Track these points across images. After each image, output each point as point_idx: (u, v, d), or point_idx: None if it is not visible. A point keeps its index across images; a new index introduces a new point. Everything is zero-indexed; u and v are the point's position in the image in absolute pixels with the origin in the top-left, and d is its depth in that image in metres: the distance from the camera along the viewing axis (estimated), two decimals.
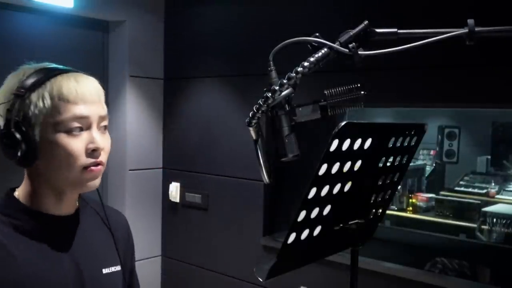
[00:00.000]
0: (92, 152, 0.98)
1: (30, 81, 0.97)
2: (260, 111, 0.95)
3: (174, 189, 3.16)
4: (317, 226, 1.04)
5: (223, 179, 2.91)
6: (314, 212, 1.00)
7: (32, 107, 0.95)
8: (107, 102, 3.00)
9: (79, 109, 0.97)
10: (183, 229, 3.14)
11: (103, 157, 1.01)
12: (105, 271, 1.08)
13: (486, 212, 3.56)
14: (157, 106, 3.20)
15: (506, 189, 4.23)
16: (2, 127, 0.97)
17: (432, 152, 4.86)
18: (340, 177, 1.00)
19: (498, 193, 4.18)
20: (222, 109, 2.91)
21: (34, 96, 0.96)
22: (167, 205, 3.22)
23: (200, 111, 3.04)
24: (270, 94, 0.93)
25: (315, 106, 0.95)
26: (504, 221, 3.42)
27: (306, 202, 0.96)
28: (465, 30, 0.91)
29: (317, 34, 0.97)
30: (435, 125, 4.68)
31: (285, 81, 0.93)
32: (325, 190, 0.98)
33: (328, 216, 1.05)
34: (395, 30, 0.97)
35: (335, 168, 0.96)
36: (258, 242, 2.73)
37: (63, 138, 0.96)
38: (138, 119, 3.08)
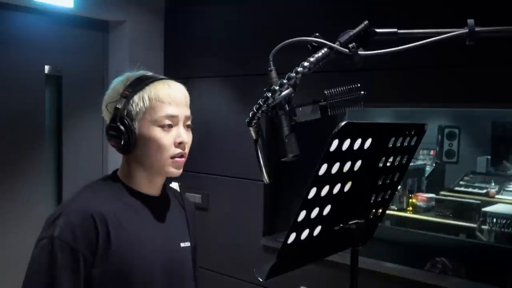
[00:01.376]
0: (179, 144, 1.22)
1: (134, 85, 1.21)
2: (260, 111, 0.95)
3: None
4: (317, 226, 1.04)
5: (223, 179, 2.91)
6: (314, 212, 1.00)
7: (134, 106, 1.19)
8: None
9: (171, 109, 1.21)
10: None
11: (186, 150, 1.25)
12: (182, 244, 1.32)
13: (486, 212, 3.56)
14: None
15: (506, 189, 4.23)
16: (109, 121, 1.21)
17: (432, 152, 4.86)
18: (340, 177, 1.00)
19: (498, 193, 4.17)
20: (222, 109, 2.91)
21: (136, 97, 1.20)
22: None
23: (200, 111, 3.04)
24: (270, 94, 0.93)
25: (315, 106, 0.95)
26: (504, 221, 3.42)
27: (306, 202, 0.96)
28: (465, 30, 0.91)
29: (317, 34, 0.97)
30: (435, 125, 4.67)
31: (285, 81, 0.93)
32: (325, 190, 0.98)
33: (328, 216, 1.05)
34: (395, 30, 0.97)
35: (335, 168, 0.96)
36: (258, 242, 2.73)
37: (157, 132, 1.20)
38: None
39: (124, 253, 1.16)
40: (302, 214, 0.97)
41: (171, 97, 1.22)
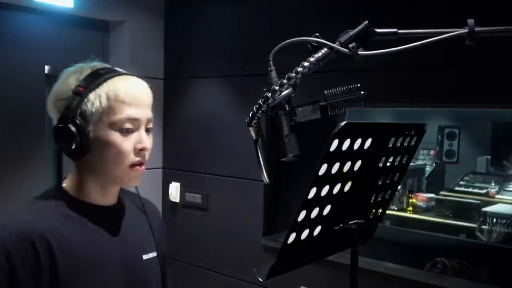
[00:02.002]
0: (139, 151, 1.08)
1: (88, 80, 1.05)
2: (260, 111, 0.95)
3: (174, 189, 3.16)
4: (317, 226, 1.04)
5: (223, 179, 2.91)
6: (314, 212, 1.00)
7: (89, 105, 1.04)
8: None
9: (133, 111, 1.06)
10: (183, 229, 3.14)
11: (146, 157, 1.10)
12: (144, 257, 1.18)
13: (486, 212, 3.56)
14: (157, 106, 3.20)
15: (506, 189, 4.23)
16: (57, 121, 1.05)
17: (432, 152, 4.86)
18: (340, 177, 1.00)
19: (498, 193, 4.17)
20: (222, 109, 2.91)
21: (91, 95, 1.04)
22: (167, 205, 3.22)
23: (200, 111, 3.04)
24: (270, 94, 0.93)
25: (315, 106, 0.95)
26: (504, 221, 3.42)
27: (306, 202, 0.96)
28: (465, 30, 0.91)
29: (317, 34, 0.97)
30: (435, 125, 4.67)
31: (285, 81, 0.93)
32: (325, 190, 0.98)
33: (328, 216, 1.05)
34: (395, 30, 0.97)
35: (335, 168, 0.96)
36: (258, 242, 2.73)
37: (116, 136, 1.05)
38: None
39: (75, 274, 1.03)
40: (302, 214, 0.97)
41: (133, 97, 1.06)
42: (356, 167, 1.03)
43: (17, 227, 1.02)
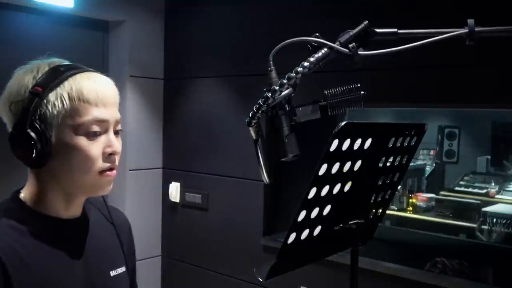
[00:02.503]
0: (109, 156, 0.97)
1: (47, 79, 0.94)
2: (260, 111, 0.95)
3: (174, 189, 3.16)
4: (317, 226, 1.04)
5: (223, 179, 2.91)
6: (314, 212, 1.00)
7: (49, 107, 0.92)
8: None
9: (100, 112, 0.95)
10: (183, 229, 3.14)
11: (117, 161, 0.99)
12: (112, 273, 1.07)
13: (486, 212, 3.56)
14: (157, 106, 3.20)
15: (506, 189, 4.23)
16: (12, 127, 0.94)
17: (432, 152, 4.86)
18: (340, 177, 1.00)
19: (498, 193, 4.17)
20: (222, 109, 2.91)
21: (52, 96, 0.93)
22: (167, 205, 3.22)
23: (200, 111, 3.04)
24: (270, 94, 0.93)
25: (315, 106, 0.95)
26: (504, 221, 3.42)
27: (306, 202, 0.96)
28: (465, 30, 0.91)
29: (317, 34, 0.97)
30: (435, 125, 4.67)
31: (285, 81, 0.93)
32: (325, 190, 0.98)
33: (328, 216, 1.05)
34: (395, 30, 0.97)
35: (335, 168, 0.96)
36: (258, 242, 2.73)
37: (82, 141, 0.94)
38: (138, 119, 3.08)
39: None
40: (302, 214, 0.97)
41: (99, 96, 0.95)
42: (356, 167, 1.03)
43: None
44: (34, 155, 0.91)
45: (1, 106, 0.97)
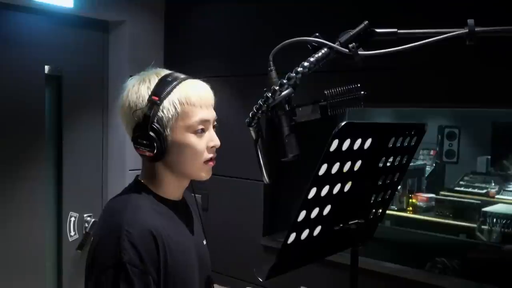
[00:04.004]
0: (211, 148, 1.20)
1: (160, 89, 1.13)
2: (260, 111, 0.95)
3: None
4: (317, 226, 1.04)
5: (223, 179, 2.91)
6: (314, 212, 1.00)
7: (165, 112, 1.13)
8: (107, 102, 3.02)
9: (204, 113, 1.17)
10: None
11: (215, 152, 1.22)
12: (204, 242, 1.33)
13: (486, 212, 3.56)
14: None
15: (506, 189, 4.24)
16: (133, 130, 1.14)
17: (432, 152, 4.86)
18: (340, 177, 1.00)
19: (498, 193, 4.18)
20: (222, 109, 2.90)
21: (166, 102, 1.13)
22: None
23: None
24: (270, 94, 0.93)
25: (315, 106, 0.96)
26: (504, 221, 3.43)
27: (306, 202, 0.96)
28: (465, 30, 0.91)
29: (317, 34, 0.98)
30: (435, 125, 4.68)
31: (285, 81, 0.93)
32: (325, 190, 0.98)
33: (328, 216, 1.05)
34: (395, 30, 0.97)
35: (335, 168, 0.97)
36: (258, 242, 2.73)
37: (192, 138, 1.16)
38: None
39: (176, 264, 1.13)
40: (302, 214, 0.97)
41: (202, 100, 1.18)
42: (356, 167, 1.03)
43: (139, 222, 1.09)
44: (155, 151, 1.12)
45: (122, 113, 1.18)
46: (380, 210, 1.30)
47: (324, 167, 0.94)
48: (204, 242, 1.34)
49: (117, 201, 1.19)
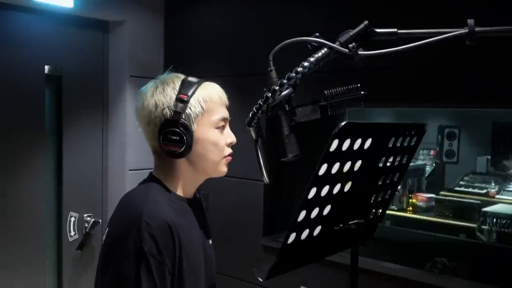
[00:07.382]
0: (229, 144, 1.28)
1: (186, 89, 1.21)
2: (260, 111, 0.95)
3: None
4: (317, 226, 1.04)
5: (223, 179, 2.90)
6: (314, 212, 1.00)
7: (192, 109, 1.20)
8: (107, 102, 3.02)
9: (224, 111, 1.28)
10: None
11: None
12: (210, 241, 1.37)
13: (486, 212, 3.56)
14: None
15: (506, 189, 4.23)
16: (162, 126, 1.18)
17: (432, 152, 4.86)
18: (340, 177, 1.00)
19: (498, 193, 4.18)
20: None
21: (192, 100, 1.20)
22: None
23: None
24: (270, 94, 0.93)
25: (315, 106, 0.96)
26: (504, 221, 3.43)
27: (306, 202, 0.96)
28: (465, 30, 0.91)
29: (317, 34, 0.98)
30: (435, 125, 4.68)
31: (285, 81, 0.93)
32: (325, 190, 0.98)
33: (328, 216, 1.05)
34: (395, 30, 0.97)
35: (335, 168, 0.97)
36: (258, 242, 2.73)
37: (215, 133, 1.24)
38: None
39: (188, 259, 1.16)
40: (302, 214, 0.97)
41: (221, 99, 1.27)
42: (356, 167, 1.03)
43: (157, 214, 1.12)
44: (184, 145, 1.17)
45: (146, 112, 1.23)
46: (380, 210, 1.30)
47: (324, 167, 0.94)
48: (210, 242, 1.37)
49: (135, 194, 1.22)
